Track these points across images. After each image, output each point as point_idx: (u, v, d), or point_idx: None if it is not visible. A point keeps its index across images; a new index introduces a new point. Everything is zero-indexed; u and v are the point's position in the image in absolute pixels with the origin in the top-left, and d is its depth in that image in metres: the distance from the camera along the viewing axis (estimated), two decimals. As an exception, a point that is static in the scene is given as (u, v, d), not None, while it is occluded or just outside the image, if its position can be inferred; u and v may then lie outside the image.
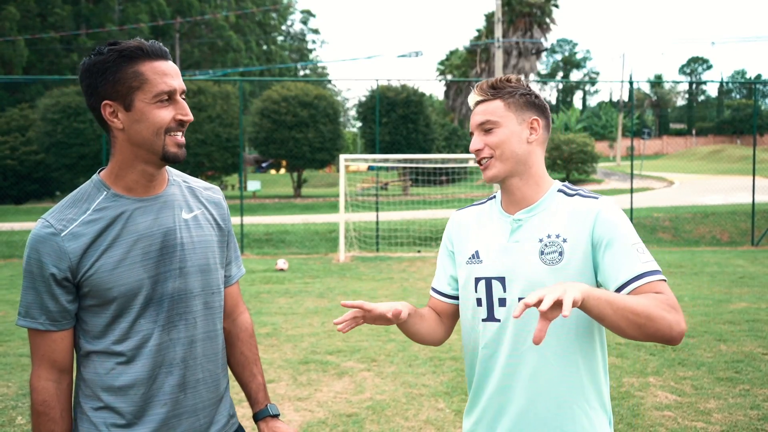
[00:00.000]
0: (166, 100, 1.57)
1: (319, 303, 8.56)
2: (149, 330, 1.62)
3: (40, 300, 1.57)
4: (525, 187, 1.72)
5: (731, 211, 16.54)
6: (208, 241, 1.72)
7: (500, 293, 1.69)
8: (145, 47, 1.56)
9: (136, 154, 1.60)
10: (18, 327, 6.69)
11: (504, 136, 1.69)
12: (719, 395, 4.79)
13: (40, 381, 1.61)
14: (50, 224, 1.57)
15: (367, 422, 4.40)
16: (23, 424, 4.38)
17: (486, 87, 1.74)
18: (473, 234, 1.80)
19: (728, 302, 8.13)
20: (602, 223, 1.63)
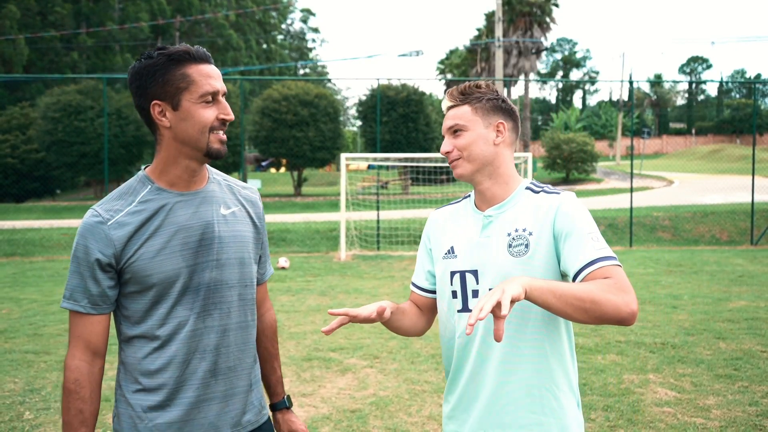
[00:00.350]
0: (210, 101, 1.68)
1: (321, 301, 8.61)
2: (185, 317, 1.71)
3: (84, 284, 1.67)
4: (494, 186, 1.84)
5: (730, 211, 16.60)
6: (243, 236, 1.81)
7: (473, 285, 1.81)
8: (192, 51, 1.68)
9: (181, 150, 1.71)
10: (22, 324, 6.73)
11: (471, 138, 1.82)
12: (718, 392, 4.85)
13: (74, 360, 1.69)
14: (98, 214, 1.67)
15: (370, 418, 4.46)
16: (31, 419, 4.43)
17: (456, 93, 1.86)
18: (449, 231, 1.92)
19: (727, 301, 8.19)
20: (562, 216, 1.74)
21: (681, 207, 17.97)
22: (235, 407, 1.80)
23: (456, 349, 1.84)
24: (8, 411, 4.58)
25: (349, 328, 7.02)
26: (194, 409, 1.73)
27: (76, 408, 1.67)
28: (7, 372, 5.50)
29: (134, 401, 1.72)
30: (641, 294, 8.68)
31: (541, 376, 1.75)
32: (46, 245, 14.78)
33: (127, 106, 28.83)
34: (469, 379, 1.81)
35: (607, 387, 4.97)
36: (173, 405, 1.71)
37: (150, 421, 1.70)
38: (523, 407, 1.75)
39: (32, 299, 8.86)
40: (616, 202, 19.83)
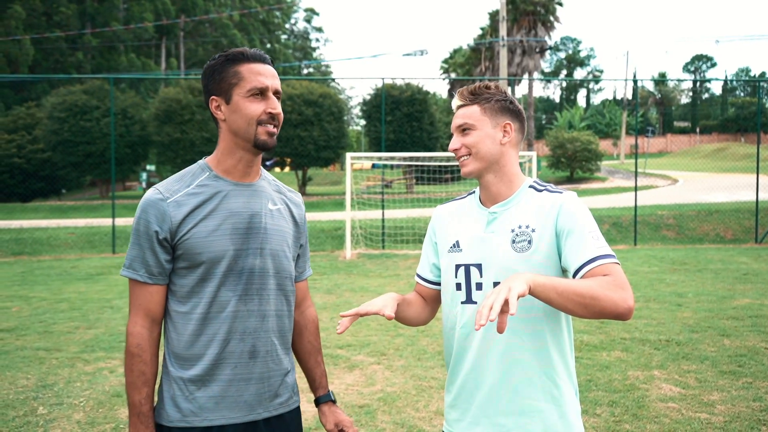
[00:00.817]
0: (258, 95, 1.83)
1: (327, 299, 8.68)
2: (228, 298, 1.84)
3: (143, 255, 1.81)
4: (499, 183, 1.92)
5: (735, 209, 16.61)
6: (285, 232, 1.96)
7: (477, 278, 1.88)
8: (246, 52, 1.85)
9: (236, 141, 1.87)
10: (32, 322, 6.81)
11: (479, 137, 1.89)
12: (722, 388, 4.89)
13: (136, 327, 1.82)
14: (160, 192, 1.83)
15: (378, 413, 4.52)
16: (44, 414, 4.51)
17: (466, 93, 1.93)
18: (454, 225, 1.99)
19: (732, 298, 8.23)
20: (564, 215, 1.82)
21: (685, 205, 17.99)
22: (270, 390, 1.91)
23: (457, 340, 1.91)
24: (22, 406, 4.66)
25: (356, 325, 7.09)
26: (232, 387, 1.84)
27: (139, 370, 1.80)
28: (19, 368, 5.58)
29: (175, 374, 1.84)
30: (646, 292, 8.72)
31: (542, 365, 1.82)
32: (53, 244, 14.88)
33: (132, 105, 28.96)
34: (471, 368, 1.88)
35: (613, 383, 5.02)
36: (211, 381, 1.83)
37: (190, 393, 1.82)
38: (526, 395, 1.82)
39: (41, 297, 8.94)
40: (621, 200, 19.86)
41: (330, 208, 23.20)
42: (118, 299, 8.78)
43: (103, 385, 5.13)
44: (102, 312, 7.93)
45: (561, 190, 1.89)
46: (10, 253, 14.21)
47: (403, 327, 6.97)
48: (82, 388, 5.05)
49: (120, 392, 4.94)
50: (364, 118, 30.86)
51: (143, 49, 52.85)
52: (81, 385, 5.12)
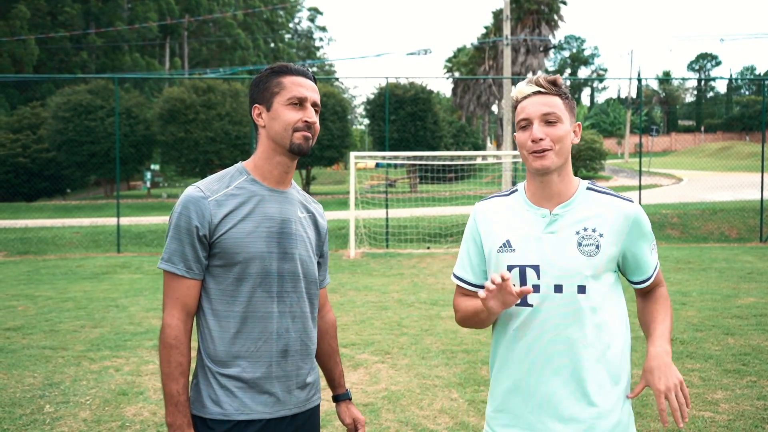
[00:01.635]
0: (297, 104, 1.95)
1: (331, 298, 8.70)
2: (263, 299, 1.93)
3: (182, 249, 1.88)
4: (561, 183, 1.86)
5: (740, 208, 16.58)
6: (311, 239, 2.07)
7: (534, 280, 1.82)
8: (290, 66, 1.99)
9: (273, 147, 1.98)
10: (38, 321, 6.84)
11: (564, 132, 1.83)
12: (726, 386, 4.90)
13: (173, 320, 1.88)
14: (201, 190, 1.91)
15: (383, 411, 4.53)
16: (51, 412, 4.53)
17: (547, 81, 1.84)
18: (502, 224, 1.92)
19: (736, 297, 8.22)
20: (639, 228, 1.87)
21: (690, 204, 17.96)
22: (298, 387, 1.99)
23: (509, 342, 1.86)
24: (29, 404, 4.69)
25: (360, 324, 7.11)
26: (266, 383, 1.92)
27: (176, 361, 1.86)
28: (26, 367, 5.61)
29: (215, 369, 1.91)
30: (650, 291, 8.73)
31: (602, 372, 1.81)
32: (58, 243, 14.94)
33: (136, 105, 29.03)
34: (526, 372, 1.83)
35: (616, 381, 5.02)
36: (248, 377, 1.90)
37: (227, 388, 1.89)
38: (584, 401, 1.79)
39: (47, 296, 8.98)
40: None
41: (334, 207, 23.23)
42: (123, 298, 8.82)
43: (109, 383, 5.16)
44: (107, 311, 7.97)
45: (628, 198, 1.88)
46: (15, 253, 14.27)
47: (407, 326, 6.99)
48: (88, 387, 5.08)
49: (126, 390, 4.97)
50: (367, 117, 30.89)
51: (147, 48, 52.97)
52: (87, 384, 5.15)
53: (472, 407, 4.59)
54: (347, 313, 7.72)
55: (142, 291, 9.42)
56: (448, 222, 15.79)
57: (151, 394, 4.89)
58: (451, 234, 15.19)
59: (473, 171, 24.92)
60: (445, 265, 11.75)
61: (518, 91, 1.87)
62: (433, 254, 13.26)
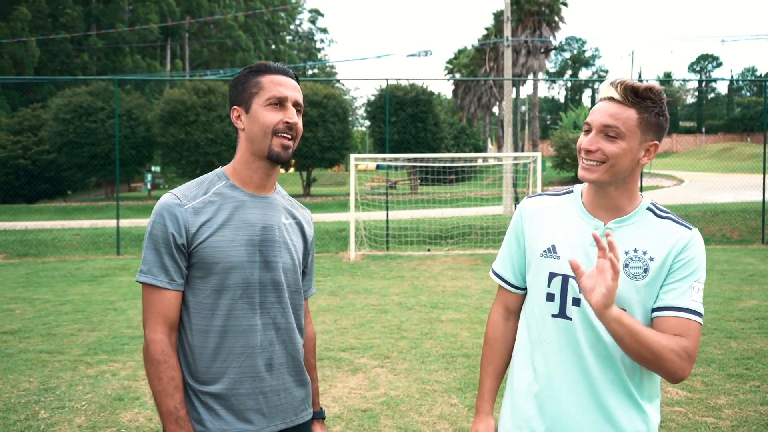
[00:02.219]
0: (276, 105, 1.84)
1: (331, 301, 8.64)
2: (244, 311, 1.82)
3: (161, 260, 1.78)
4: (619, 197, 1.73)
5: (741, 209, 16.51)
6: (297, 247, 1.97)
7: (576, 293, 1.72)
8: (269, 65, 1.88)
9: (253, 151, 1.87)
10: (36, 324, 6.77)
11: (622, 150, 1.66)
12: (730, 391, 4.84)
13: (157, 334, 1.78)
14: (177, 197, 1.81)
15: (381, 417, 4.48)
16: (46, 418, 4.48)
17: (628, 89, 1.66)
18: (549, 226, 1.81)
19: (738, 300, 8.16)
20: (686, 252, 1.69)
21: (691, 206, 17.89)
22: (286, 402, 1.90)
23: (540, 356, 1.78)
24: (24, 410, 4.64)
25: (359, 328, 7.05)
26: (249, 399, 1.83)
27: (168, 376, 1.76)
28: (21, 371, 5.56)
29: (195, 387, 1.81)
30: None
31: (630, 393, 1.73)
32: (58, 246, 14.90)
33: (137, 107, 29.03)
34: (551, 388, 1.76)
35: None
36: (231, 394, 1.81)
37: (209, 406, 1.80)
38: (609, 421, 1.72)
39: (45, 299, 8.94)
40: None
41: (334, 209, 23.19)
42: (121, 301, 8.77)
43: (105, 388, 5.11)
44: (105, 314, 7.92)
45: (689, 225, 1.74)
46: (15, 255, 14.23)
47: (407, 329, 6.94)
48: (84, 392, 5.03)
49: (122, 395, 4.92)
50: (368, 119, 30.86)
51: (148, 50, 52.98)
52: (83, 389, 5.10)
53: (472, 413, 4.53)
54: (346, 316, 7.67)
55: (141, 294, 9.37)
56: (448, 224, 15.74)
57: (147, 400, 4.83)
58: (451, 236, 15.13)
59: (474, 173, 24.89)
60: (446, 268, 11.69)
61: (600, 90, 1.74)
62: (434, 256, 13.20)
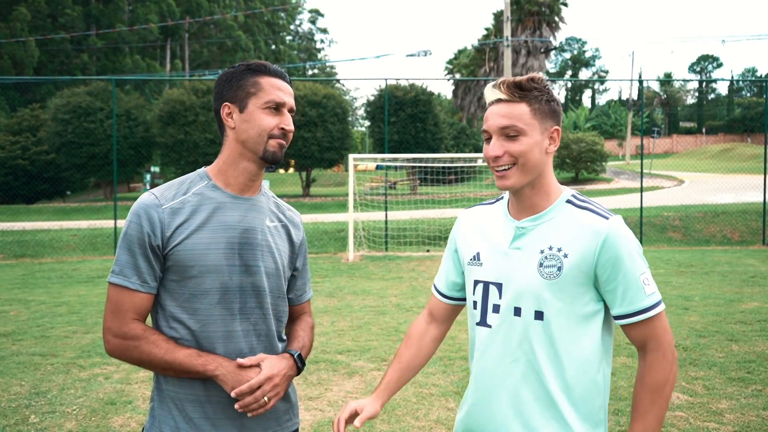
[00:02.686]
0: (274, 109, 1.78)
1: (328, 302, 8.57)
2: (223, 316, 1.76)
3: (135, 261, 1.71)
4: (535, 195, 1.68)
5: (742, 210, 16.44)
6: (282, 250, 1.89)
7: (496, 299, 1.68)
8: (269, 66, 1.82)
9: (241, 152, 1.80)
10: (30, 326, 6.69)
11: (528, 145, 1.61)
12: (731, 395, 4.77)
13: (132, 323, 1.71)
14: (155, 196, 1.75)
15: (377, 422, 4.41)
16: (36, 423, 4.41)
17: (512, 86, 1.62)
18: (477, 234, 1.79)
19: (739, 302, 8.09)
20: (609, 248, 1.59)
21: (692, 207, 17.82)
22: (268, 410, 1.80)
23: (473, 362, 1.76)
24: (14, 414, 4.57)
25: (357, 330, 6.98)
26: (228, 407, 1.75)
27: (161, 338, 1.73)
28: (13, 374, 5.49)
29: (171, 393, 1.75)
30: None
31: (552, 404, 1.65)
32: (55, 246, 14.83)
33: (136, 107, 28.96)
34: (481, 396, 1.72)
35: (618, 390, 4.90)
36: (208, 401, 1.74)
37: (186, 413, 1.74)
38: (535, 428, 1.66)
39: (40, 301, 8.86)
40: (626, 201, 19.70)
41: (334, 209, 23.11)
42: (117, 303, 8.70)
43: (97, 392, 5.03)
44: (100, 316, 7.84)
45: (607, 213, 1.64)
46: (12, 256, 14.16)
47: (404, 332, 6.86)
48: (75, 396, 4.95)
49: (114, 399, 4.84)
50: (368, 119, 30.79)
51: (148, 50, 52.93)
52: (75, 392, 5.02)
53: (469, 417, 4.45)
54: (344, 318, 7.60)
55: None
56: (448, 224, 15.66)
57: (139, 404, 4.76)
58: (450, 237, 15.05)
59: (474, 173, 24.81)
60: (445, 269, 11.62)
61: (485, 96, 1.69)
62: (433, 257, 13.13)
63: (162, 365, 1.69)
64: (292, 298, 1.98)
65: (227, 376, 1.69)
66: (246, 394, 1.69)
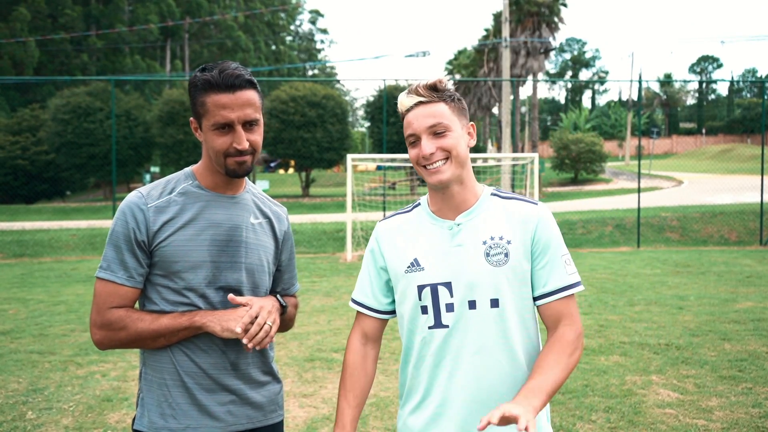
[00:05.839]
0: (222, 129, 1.75)
1: (325, 301, 8.62)
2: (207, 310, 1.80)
3: (122, 257, 1.76)
4: (464, 191, 1.75)
5: (740, 211, 16.48)
6: (266, 247, 1.92)
7: (447, 299, 1.70)
8: (212, 80, 1.72)
9: (212, 163, 1.83)
10: (28, 325, 6.73)
11: (455, 140, 1.70)
12: (721, 393, 4.81)
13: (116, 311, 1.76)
14: (142, 195, 1.79)
15: (370, 419, 4.45)
16: (33, 419, 4.46)
17: (428, 88, 1.71)
18: (407, 242, 1.79)
19: (734, 301, 8.13)
20: (542, 231, 1.72)
21: (690, 207, 17.86)
22: (252, 402, 1.88)
23: (427, 368, 1.73)
24: (11, 411, 4.61)
25: (352, 328, 7.02)
26: (216, 397, 1.81)
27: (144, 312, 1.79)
28: (11, 372, 5.54)
29: (158, 384, 1.80)
30: (647, 295, 8.63)
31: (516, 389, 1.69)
32: (54, 246, 14.88)
33: (135, 107, 29.01)
34: (444, 397, 1.71)
35: (609, 388, 4.94)
36: (195, 393, 1.79)
37: (173, 400, 1.79)
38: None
39: (39, 300, 8.91)
40: (625, 202, 19.75)
41: (332, 209, 23.15)
42: (115, 302, 8.74)
43: (94, 389, 5.08)
44: (98, 314, 7.89)
45: (534, 201, 1.78)
46: (11, 255, 14.21)
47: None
48: (72, 392, 5.00)
49: (110, 396, 4.89)
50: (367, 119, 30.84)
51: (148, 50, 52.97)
52: (72, 389, 5.07)
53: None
54: (340, 317, 7.64)
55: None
56: (446, 225, 15.68)
57: (135, 401, 4.80)
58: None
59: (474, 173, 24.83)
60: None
61: (400, 104, 1.75)
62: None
63: (151, 335, 1.74)
64: (280, 292, 2.03)
65: (213, 320, 1.74)
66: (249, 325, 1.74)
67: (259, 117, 1.80)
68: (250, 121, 1.76)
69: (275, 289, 2.02)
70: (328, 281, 10.35)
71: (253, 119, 1.76)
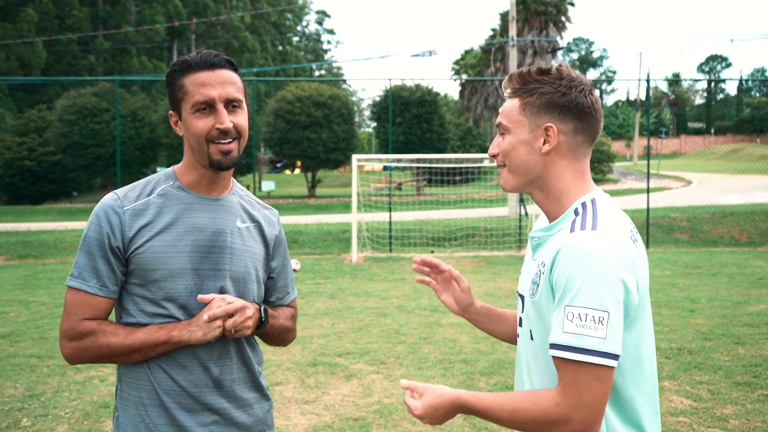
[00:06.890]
0: (204, 110, 1.63)
1: (330, 304, 8.49)
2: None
3: (94, 264, 1.64)
4: (546, 202, 1.53)
5: (750, 211, 16.27)
6: (255, 253, 1.77)
7: (520, 311, 1.60)
8: (190, 60, 1.65)
9: (195, 157, 1.70)
10: (29, 327, 6.63)
11: (510, 145, 1.50)
12: (737, 400, 4.66)
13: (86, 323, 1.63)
14: (118, 197, 1.67)
15: (374, 426, 4.33)
16: (28, 426, 4.35)
17: (514, 78, 1.50)
18: None
19: (747, 304, 7.96)
20: (560, 266, 1.38)
21: (699, 207, 17.65)
22: (237, 421, 1.74)
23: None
24: (6, 418, 4.51)
25: (357, 332, 6.90)
26: (198, 418, 1.68)
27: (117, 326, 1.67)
28: (8, 377, 5.44)
29: (135, 399, 1.67)
30: (657, 297, 8.46)
31: None
32: (59, 247, 14.82)
33: (141, 108, 29.00)
34: None
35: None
36: (175, 414, 1.66)
37: (151, 420, 1.66)
38: None
39: (41, 302, 8.83)
40: (633, 202, 19.54)
41: (338, 210, 23.04)
42: (117, 304, 8.66)
43: (91, 395, 4.97)
44: (100, 317, 7.80)
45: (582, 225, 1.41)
46: (16, 256, 14.15)
47: (405, 334, 6.78)
48: (69, 399, 4.89)
49: (108, 402, 4.78)
50: (374, 119, 30.73)
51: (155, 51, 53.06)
52: (69, 395, 4.96)
53: (467, 422, 4.36)
54: (345, 320, 7.52)
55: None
56: (453, 226, 15.56)
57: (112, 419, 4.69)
58: (455, 238, 14.95)
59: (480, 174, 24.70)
60: (449, 270, 11.53)
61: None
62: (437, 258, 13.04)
63: (125, 351, 1.61)
64: (275, 302, 1.89)
65: (193, 329, 1.62)
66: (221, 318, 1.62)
67: (243, 99, 1.68)
68: (232, 101, 1.65)
69: (269, 299, 1.88)
70: (333, 283, 10.23)
71: (235, 98, 1.65)
